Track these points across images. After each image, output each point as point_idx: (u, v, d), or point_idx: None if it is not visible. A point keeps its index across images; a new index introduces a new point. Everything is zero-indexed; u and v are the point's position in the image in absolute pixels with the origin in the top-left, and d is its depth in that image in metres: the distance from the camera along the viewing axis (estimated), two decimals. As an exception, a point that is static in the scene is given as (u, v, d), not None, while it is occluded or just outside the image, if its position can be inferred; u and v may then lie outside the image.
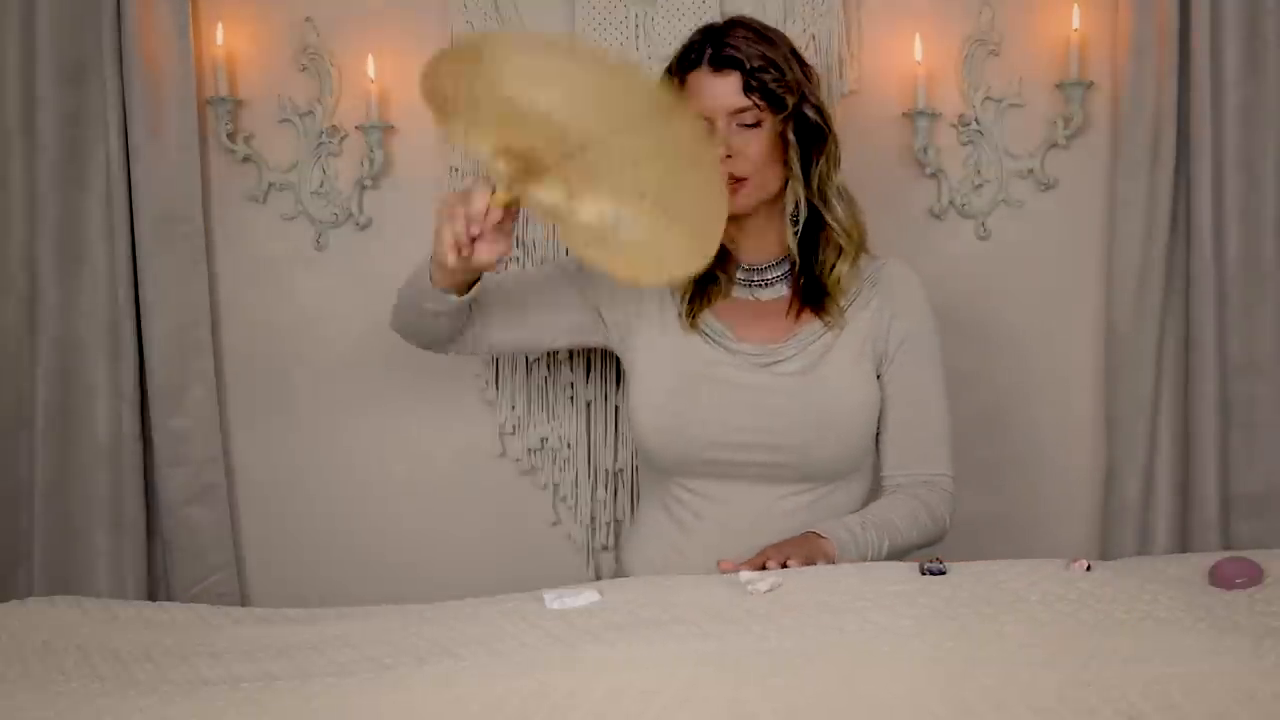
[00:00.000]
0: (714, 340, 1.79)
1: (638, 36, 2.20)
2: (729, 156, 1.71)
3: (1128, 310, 2.16)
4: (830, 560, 1.62)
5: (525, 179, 1.54)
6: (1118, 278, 2.17)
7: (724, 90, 1.73)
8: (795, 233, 1.79)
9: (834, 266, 1.79)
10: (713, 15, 2.17)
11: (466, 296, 1.72)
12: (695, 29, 1.83)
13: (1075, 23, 2.17)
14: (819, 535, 1.66)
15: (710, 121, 1.73)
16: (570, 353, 2.24)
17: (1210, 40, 2.09)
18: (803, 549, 1.61)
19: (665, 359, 1.80)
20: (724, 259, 1.80)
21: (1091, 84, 2.19)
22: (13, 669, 1.30)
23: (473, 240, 1.57)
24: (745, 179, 1.73)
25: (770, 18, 2.16)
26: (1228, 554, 1.45)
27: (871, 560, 1.67)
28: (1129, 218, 2.15)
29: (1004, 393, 2.25)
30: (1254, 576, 1.35)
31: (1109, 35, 2.18)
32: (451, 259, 1.58)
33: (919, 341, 1.82)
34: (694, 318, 1.79)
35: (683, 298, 1.81)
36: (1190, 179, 2.13)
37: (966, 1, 2.21)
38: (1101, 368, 2.23)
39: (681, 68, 1.78)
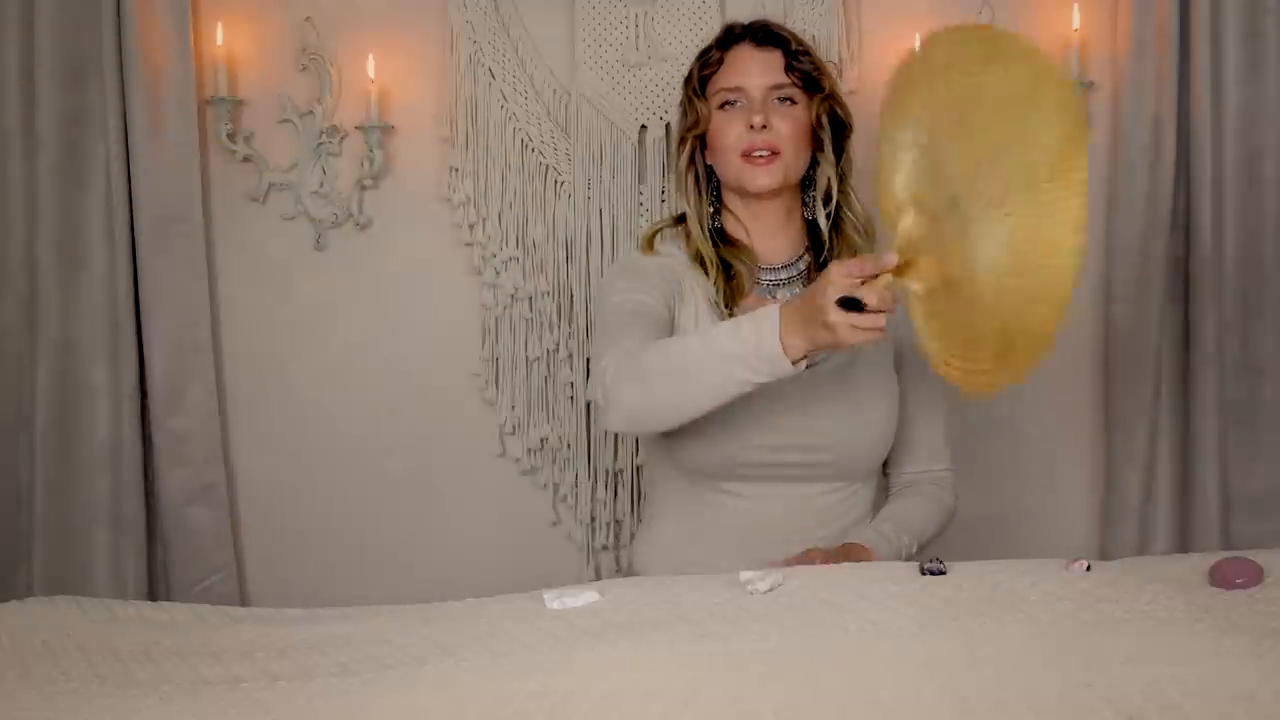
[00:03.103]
0: None
1: (637, 36, 2.20)
2: (765, 127, 1.74)
3: (1128, 310, 2.16)
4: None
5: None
6: (1118, 277, 2.17)
7: (767, 65, 1.78)
8: (828, 214, 1.80)
9: None
10: (713, 15, 2.18)
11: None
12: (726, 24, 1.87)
13: (1075, 23, 2.17)
14: (861, 546, 1.70)
15: (745, 94, 1.77)
16: (570, 353, 2.24)
17: (1210, 40, 2.10)
18: (847, 558, 1.65)
19: None
20: (744, 256, 1.80)
21: (1091, 84, 2.19)
22: (13, 669, 1.29)
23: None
24: (778, 153, 1.75)
25: (770, 17, 2.17)
26: (1228, 554, 1.45)
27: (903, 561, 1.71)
28: (1129, 218, 2.15)
29: (1004, 393, 2.24)
30: (1254, 576, 1.34)
31: (1109, 35, 2.19)
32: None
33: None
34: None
35: (716, 300, 1.78)
36: (1190, 179, 2.13)
37: (966, 1, 2.22)
38: (1101, 368, 2.23)
39: (722, 45, 1.82)
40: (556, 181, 2.23)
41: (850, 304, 1.39)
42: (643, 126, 2.22)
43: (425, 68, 2.25)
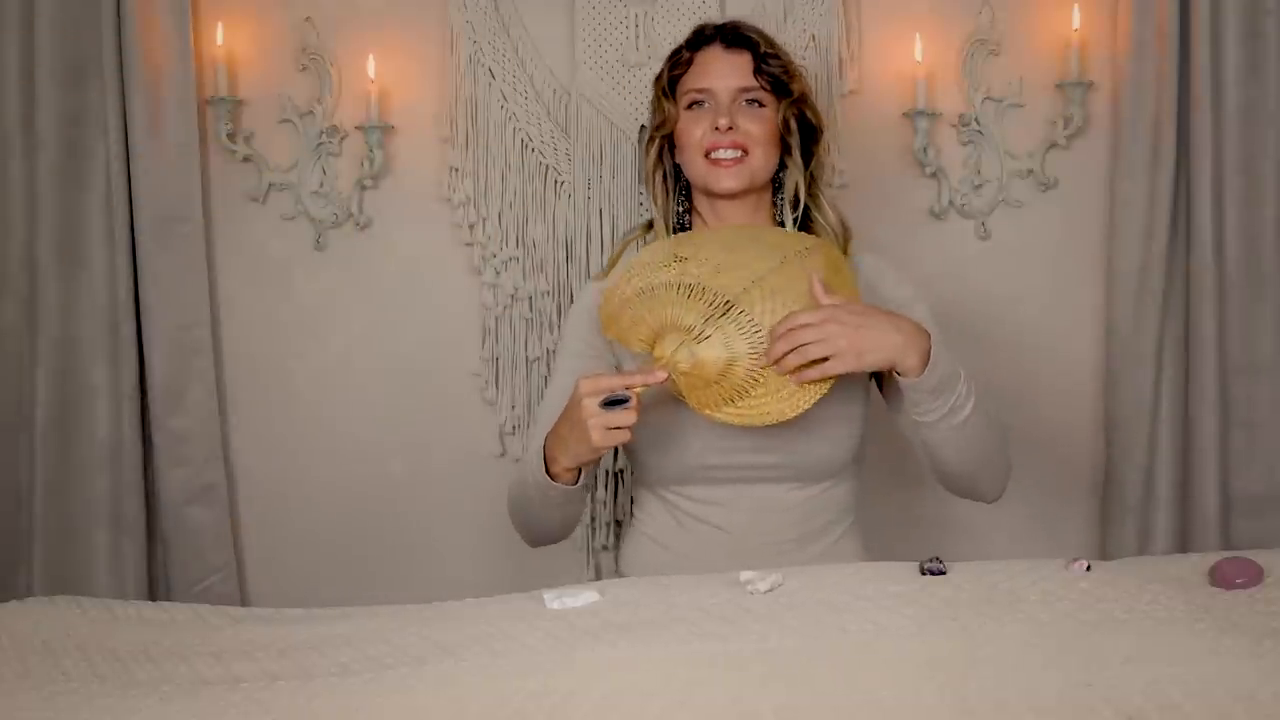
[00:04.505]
0: None
1: (637, 36, 2.20)
2: (730, 129, 1.74)
3: (1128, 310, 2.16)
4: (903, 366, 1.56)
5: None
6: (1118, 278, 2.17)
7: (735, 67, 1.77)
8: (795, 219, 1.80)
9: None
10: (712, 15, 2.18)
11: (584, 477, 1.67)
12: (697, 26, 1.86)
13: (1075, 23, 2.17)
14: (922, 327, 1.58)
15: (712, 95, 1.76)
16: (570, 353, 2.24)
17: (1210, 40, 2.09)
18: (887, 332, 1.55)
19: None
20: None
21: (1091, 84, 2.20)
22: (12, 669, 1.29)
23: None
24: (747, 152, 1.75)
25: (770, 17, 2.17)
26: (1228, 554, 1.45)
27: (954, 405, 1.58)
28: (1129, 218, 2.15)
29: (1004, 393, 2.25)
30: (1254, 576, 1.34)
31: (1109, 35, 2.19)
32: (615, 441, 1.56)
33: (912, 315, 1.74)
34: None
35: None
36: (1190, 179, 2.13)
37: (966, 1, 2.22)
38: (1101, 368, 2.23)
39: (692, 46, 1.81)
40: (556, 181, 2.23)
41: (613, 402, 1.55)
42: (643, 126, 2.21)
43: (425, 68, 2.25)
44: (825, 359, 1.55)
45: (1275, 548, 1.50)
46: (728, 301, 1.60)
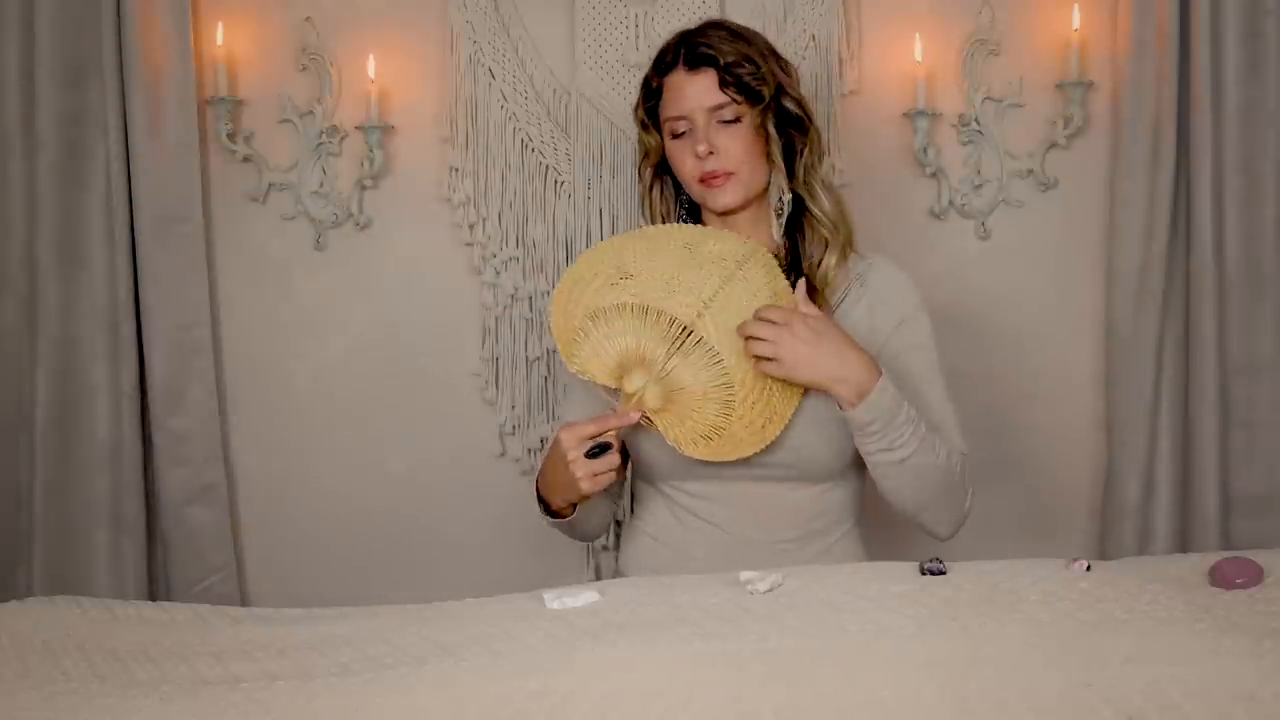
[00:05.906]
0: None
1: (637, 37, 2.20)
2: (710, 154, 1.72)
3: (1128, 310, 2.16)
4: (834, 394, 1.61)
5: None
6: (1118, 278, 2.17)
7: (700, 88, 1.74)
8: (780, 224, 1.78)
9: (821, 260, 1.77)
10: (712, 15, 2.17)
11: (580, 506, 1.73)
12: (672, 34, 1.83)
13: (1075, 23, 2.17)
14: (874, 367, 1.61)
15: (690, 121, 1.74)
16: (570, 352, 2.24)
17: (1210, 40, 2.09)
18: (827, 359, 1.60)
19: None
20: None
21: (1091, 84, 2.20)
22: (12, 669, 1.30)
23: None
24: (731, 173, 1.73)
25: (770, 18, 2.17)
26: (1228, 554, 1.45)
27: (888, 445, 1.62)
28: (1129, 218, 2.15)
29: (1004, 393, 2.26)
30: (1254, 576, 1.34)
31: (1109, 35, 2.19)
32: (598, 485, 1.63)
33: (911, 334, 1.76)
34: None
35: None
36: (1190, 179, 2.13)
37: (966, 1, 2.22)
38: (1102, 368, 2.23)
39: (659, 71, 1.79)
40: (556, 181, 2.23)
41: (596, 450, 1.60)
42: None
43: (425, 68, 2.25)
44: (769, 360, 1.61)
45: (1275, 548, 1.50)
46: (686, 329, 1.63)
